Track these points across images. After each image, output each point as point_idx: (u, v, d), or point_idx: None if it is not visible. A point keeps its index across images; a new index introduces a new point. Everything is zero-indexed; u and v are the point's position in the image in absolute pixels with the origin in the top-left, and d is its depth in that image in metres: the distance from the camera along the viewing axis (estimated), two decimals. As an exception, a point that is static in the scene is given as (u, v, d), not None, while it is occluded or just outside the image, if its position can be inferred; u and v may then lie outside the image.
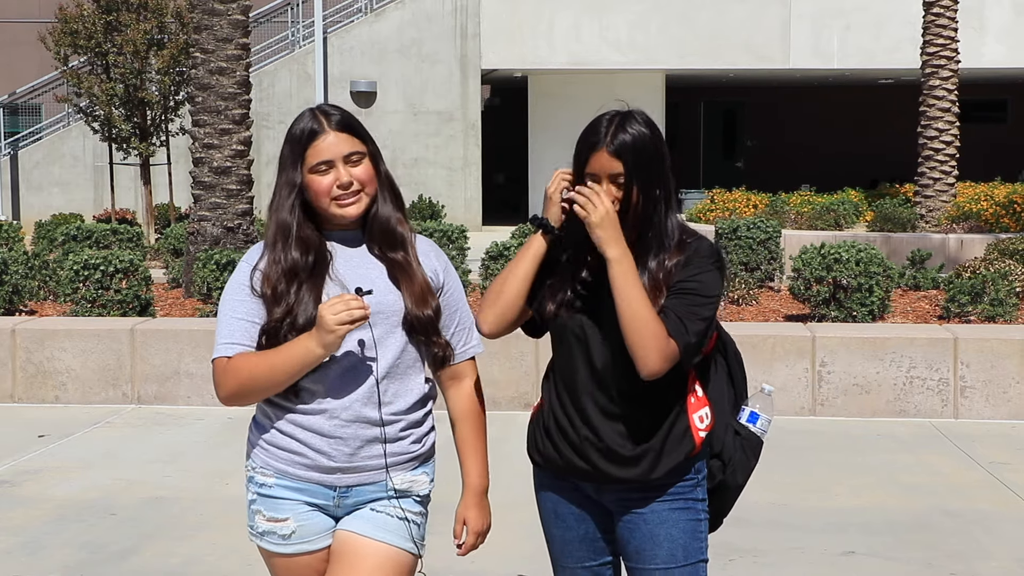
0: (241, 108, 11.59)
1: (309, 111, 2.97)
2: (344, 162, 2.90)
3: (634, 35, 23.26)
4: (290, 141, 2.94)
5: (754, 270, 12.21)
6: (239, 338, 2.89)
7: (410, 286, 2.94)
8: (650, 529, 2.93)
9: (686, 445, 2.91)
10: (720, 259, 2.91)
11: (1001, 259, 10.95)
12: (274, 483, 2.94)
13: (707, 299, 2.85)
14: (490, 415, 8.93)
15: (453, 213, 21.75)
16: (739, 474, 3.01)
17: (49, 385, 8.63)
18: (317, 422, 2.89)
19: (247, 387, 2.86)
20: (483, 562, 5.29)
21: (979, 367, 8.10)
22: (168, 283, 12.25)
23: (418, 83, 22.97)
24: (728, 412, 3.02)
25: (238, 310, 2.92)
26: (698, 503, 2.96)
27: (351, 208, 2.91)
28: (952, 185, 17.12)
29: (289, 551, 2.95)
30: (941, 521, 5.94)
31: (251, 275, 2.93)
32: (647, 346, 2.78)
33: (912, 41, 19.95)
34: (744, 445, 3.00)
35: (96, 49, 18.42)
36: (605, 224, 2.80)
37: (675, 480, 2.93)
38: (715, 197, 19.76)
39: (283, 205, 2.93)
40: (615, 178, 2.85)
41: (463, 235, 12.28)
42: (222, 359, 2.89)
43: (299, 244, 2.91)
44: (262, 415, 2.99)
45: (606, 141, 2.85)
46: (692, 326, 2.81)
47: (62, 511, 6.12)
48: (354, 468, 2.91)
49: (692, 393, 2.94)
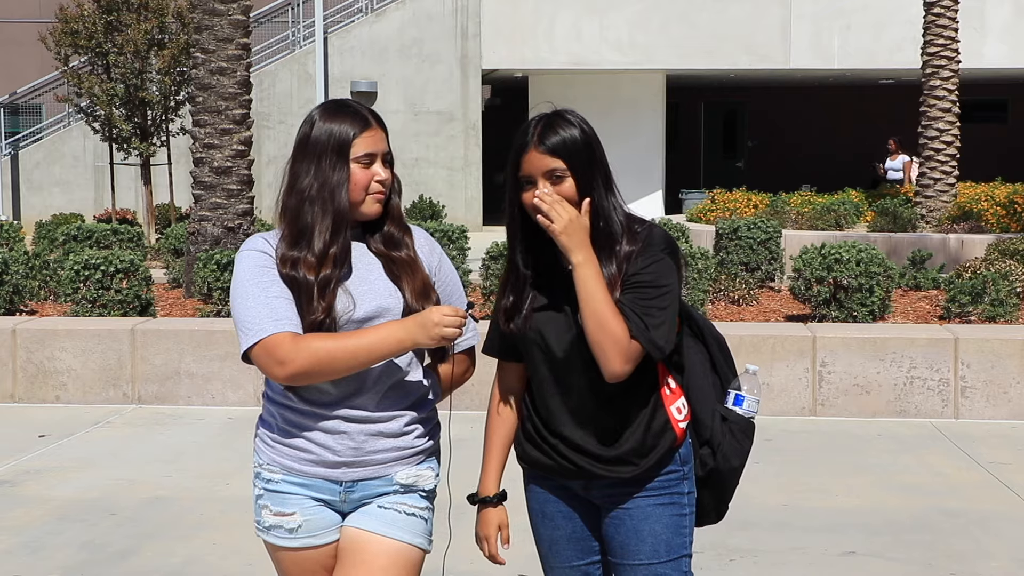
0: (242, 108, 11.59)
1: (348, 102, 2.98)
2: (382, 159, 2.94)
3: (634, 35, 23.27)
4: (333, 134, 2.90)
5: (755, 270, 12.21)
6: (290, 315, 2.83)
7: (412, 282, 2.95)
8: (634, 524, 2.94)
9: (668, 438, 2.91)
10: (671, 245, 2.88)
11: (1002, 259, 10.95)
12: (281, 479, 2.95)
13: (661, 289, 2.82)
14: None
15: (453, 213, 21.75)
16: (732, 458, 2.99)
17: (49, 385, 8.63)
18: (322, 419, 2.90)
19: (323, 366, 2.79)
20: (483, 562, 5.29)
21: (979, 367, 8.10)
22: (169, 283, 12.25)
23: (418, 83, 22.97)
24: (712, 398, 3.01)
25: (271, 290, 2.85)
26: (683, 497, 2.96)
27: (379, 205, 2.94)
28: (953, 185, 17.11)
29: (296, 545, 2.96)
30: (941, 521, 5.94)
31: (268, 258, 2.89)
32: (608, 350, 2.79)
33: (913, 41, 19.95)
34: (733, 429, 2.99)
35: (97, 49, 18.42)
36: (569, 230, 2.81)
37: (659, 474, 2.93)
38: (715, 197, 19.75)
39: (340, 194, 2.88)
40: (550, 175, 2.85)
41: (463, 235, 12.27)
42: (284, 335, 2.79)
43: (347, 235, 2.91)
44: (267, 413, 2.99)
45: (534, 141, 2.87)
46: (652, 320, 2.80)
47: (62, 511, 6.12)
48: (360, 463, 2.92)
49: (665, 385, 2.94)
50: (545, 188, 2.84)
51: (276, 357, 2.80)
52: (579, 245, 2.81)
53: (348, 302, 2.87)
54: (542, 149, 2.85)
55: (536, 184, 2.85)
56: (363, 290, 2.90)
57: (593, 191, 2.86)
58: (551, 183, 2.84)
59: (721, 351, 3.07)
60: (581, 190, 2.84)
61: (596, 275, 2.81)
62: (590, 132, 2.90)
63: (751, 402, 3.03)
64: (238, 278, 2.90)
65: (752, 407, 3.03)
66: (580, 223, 2.82)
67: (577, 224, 2.81)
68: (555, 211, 2.80)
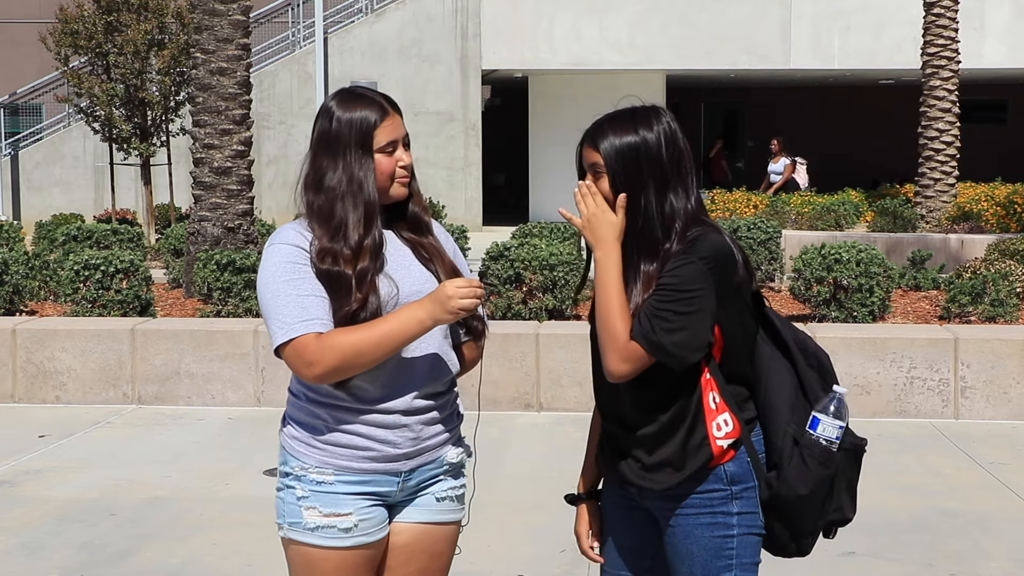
0: (241, 108, 11.59)
1: (361, 90, 2.98)
2: (403, 143, 2.96)
3: (634, 35, 23.27)
4: (355, 125, 2.91)
5: (754, 270, 12.20)
6: (317, 313, 2.83)
7: (443, 265, 3.00)
8: (676, 543, 2.87)
9: (703, 454, 2.81)
10: (714, 253, 2.77)
11: (1001, 259, 10.95)
12: (335, 480, 2.92)
13: (684, 293, 2.74)
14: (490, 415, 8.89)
15: (453, 213, 21.74)
16: (796, 484, 2.82)
17: (49, 385, 8.63)
18: (380, 415, 2.91)
19: (351, 362, 2.80)
20: (483, 563, 5.29)
21: (979, 367, 8.10)
22: (168, 283, 12.25)
23: (418, 83, 22.96)
24: (787, 419, 2.85)
25: (302, 288, 2.85)
26: (731, 517, 2.83)
27: (404, 189, 2.97)
28: (953, 185, 17.12)
29: (349, 544, 2.93)
30: (941, 521, 5.94)
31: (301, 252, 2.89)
32: (606, 347, 2.78)
33: (913, 41, 19.95)
34: (804, 454, 2.82)
35: (96, 49, 18.41)
36: (591, 225, 2.82)
37: (696, 491, 2.83)
38: (715, 197, 19.76)
39: (369, 186, 2.90)
40: (592, 168, 2.87)
41: (463, 235, 12.29)
42: (310, 336, 2.80)
43: (380, 226, 2.92)
44: (306, 414, 2.95)
45: (589, 134, 2.89)
46: (663, 324, 2.73)
47: (62, 511, 6.12)
48: (418, 451, 2.96)
49: (708, 399, 2.83)
50: (588, 181, 2.87)
51: (304, 359, 2.81)
52: (601, 240, 2.81)
53: (391, 287, 2.90)
54: (589, 144, 2.88)
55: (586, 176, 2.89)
56: (400, 275, 2.93)
57: (637, 191, 2.82)
58: (594, 178, 2.86)
59: (815, 369, 2.93)
60: (615, 189, 2.83)
61: (612, 271, 2.80)
62: (653, 135, 2.84)
63: (828, 426, 2.82)
64: (269, 271, 2.89)
65: (829, 432, 2.82)
66: (607, 219, 2.81)
67: (603, 219, 2.81)
68: (583, 204, 2.83)
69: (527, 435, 7.71)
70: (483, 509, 4.24)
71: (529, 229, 13.36)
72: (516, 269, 9.47)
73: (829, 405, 2.85)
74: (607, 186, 2.84)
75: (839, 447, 2.84)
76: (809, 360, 2.94)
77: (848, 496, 2.90)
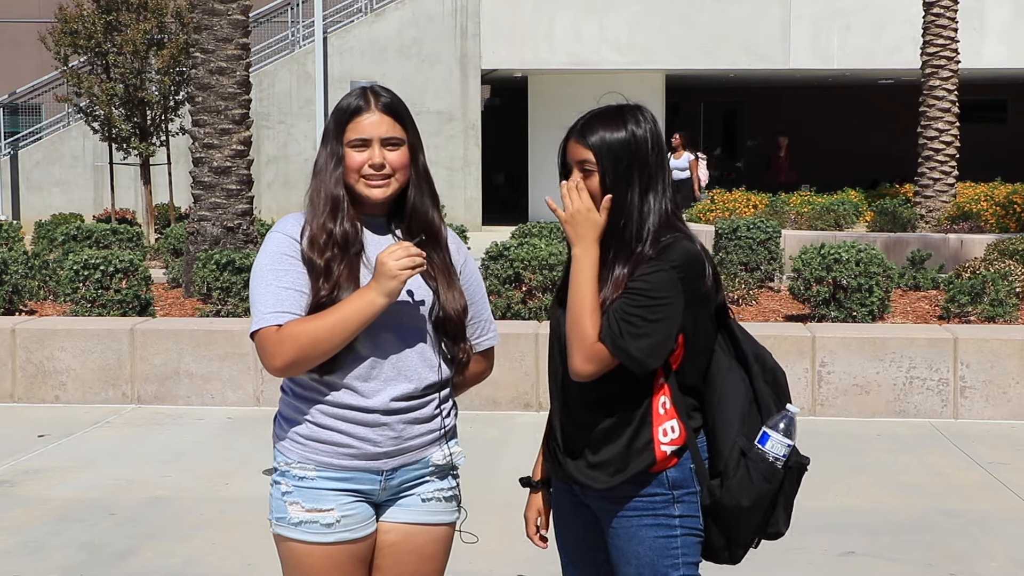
0: (241, 108, 11.59)
1: (360, 88, 2.99)
2: (381, 144, 2.92)
3: (634, 35, 23.27)
4: (336, 113, 2.95)
5: (754, 270, 12.21)
6: (290, 307, 2.85)
7: (446, 278, 2.98)
8: (620, 544, 2.89)
9: (646, 458, 2.81)
10: (686, 261, 2.78)
11: (1001, 259, 10.95)
12: (316, 475, 2.93)
13: (654, 300, 2.74)
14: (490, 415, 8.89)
15: (453, 213, 21.74)
16: (739, 495, 2.83)
17: (49, 385, 8.63)
18: (359, 412, 2.90)
19: (308, 352, 2.81)
20: (482, 563, 5.29)
21: (979, 367, 8.10)
22: (168, 283, 12.25)
23: (418, 83, 22.96)
24: (736, 430, 2.86)
25: (283, 280, 2.87)
26: (673, 519, 2.84)
27: (376, 191, 2.92)
28: (952, 185, 17.11)
29: (332, 539, 2.93)
30: (941, 521, 5.94)
31: (294, 243, 2.90)
32: (573, 345, 2.78)
33: (912, 41, 19.95)
34: (750, 467, 2.82)
35: (96, 49, 18.41)
36: (574, 222, 2.82)
37: (639, 493, 2.84)
38: (715, 197, 19.74)
39: (331, 177, 2.93)
40: (580, 165, 2.86)
41: (463, 235, 12.29)
42: (270, 328, 2.83)
43: (349, 218, 2.92)
44: (292, 411, 2.97)
45: (576, 130, 2.88)
46: (631, 328, 2.73)
47: (62, 511, 6.12)
48: (399, 451, 2.94)
49: (657, 404, 2.84)
50: (576, 178, 2.86)
51: (266, 351, 2.85)
52: (581, 237, 2.82)
53: None
54: (578, 140, 2.87)
55: (573, 172, 2.88)
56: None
57: (624, 190, 2.83)
58: (582, 174, 2.86)
59: (771, 385, 2.93)
60: (605, 187, 2.83)
61: (587, 270, 2.80)
62: (642, 133, 2.86)
63: (777, 443, 2.83)
64: (260, 259, 2.94)
65: (777, 449, 2.82)
66: (591, 218, 2.82)
67: (585, 216, 2.82)
68: (568, 199, 2.83)
69: (527, 435, 7.71)
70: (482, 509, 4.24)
71: (528, 229, 13.36)
72: (515, 269, 9.47)
73: (780, 423, 2.86)
74: (596, 183, 2.85)
75: (784, 465, 2.85)
76: (766, 375, 2.94)
77: (784, 513, 2.93)
